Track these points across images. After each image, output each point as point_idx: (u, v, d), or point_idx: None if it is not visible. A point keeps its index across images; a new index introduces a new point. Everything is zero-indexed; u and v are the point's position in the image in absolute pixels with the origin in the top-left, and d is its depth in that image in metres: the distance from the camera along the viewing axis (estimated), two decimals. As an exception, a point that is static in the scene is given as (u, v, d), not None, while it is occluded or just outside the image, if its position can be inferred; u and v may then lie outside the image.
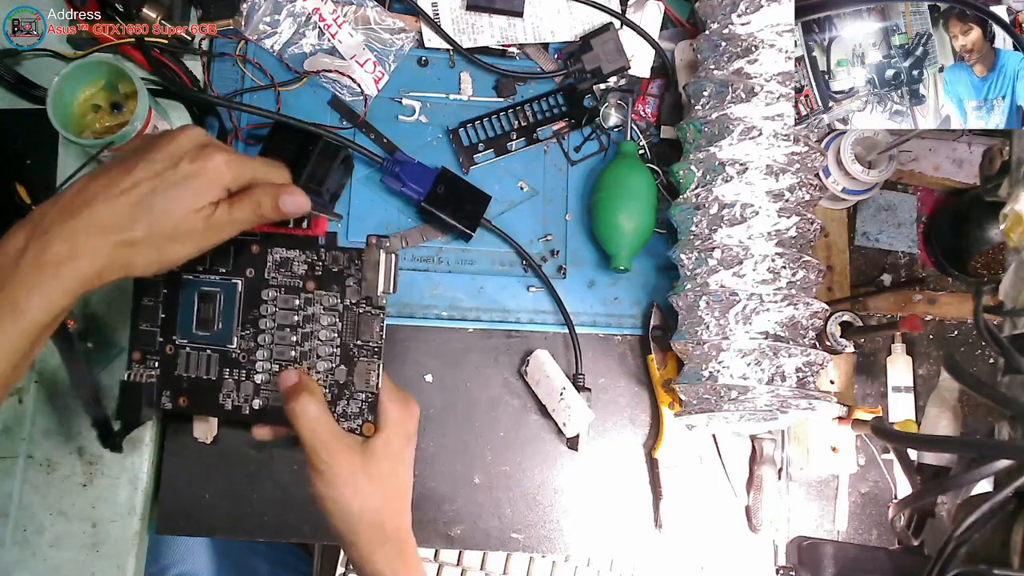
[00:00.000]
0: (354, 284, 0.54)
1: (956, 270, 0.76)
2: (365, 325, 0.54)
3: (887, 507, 0.71)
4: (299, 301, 0.55)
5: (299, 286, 0.55)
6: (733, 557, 0.72)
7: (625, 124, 0.75)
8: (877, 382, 0.75)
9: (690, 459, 0.72)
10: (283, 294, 0.55)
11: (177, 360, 0.58)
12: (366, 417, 0.54)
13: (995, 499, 0.40)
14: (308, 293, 0.55)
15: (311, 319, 0.55)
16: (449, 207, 0.70)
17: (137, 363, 0.59)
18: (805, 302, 0.63)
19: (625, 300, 0.74)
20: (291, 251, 0.55)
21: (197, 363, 0.58)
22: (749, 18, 0.64)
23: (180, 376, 0.58)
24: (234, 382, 0.57)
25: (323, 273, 0.55)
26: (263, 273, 0.56)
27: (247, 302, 0.56)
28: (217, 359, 0.57)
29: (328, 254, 0.55)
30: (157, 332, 0.58)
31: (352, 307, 0.55)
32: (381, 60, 0.74)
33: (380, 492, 0.52)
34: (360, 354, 0.54)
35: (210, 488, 0.68)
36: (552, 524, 0.71)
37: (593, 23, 0.74)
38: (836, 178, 0.73)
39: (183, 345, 0.58)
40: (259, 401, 0.57)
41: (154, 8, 0.68)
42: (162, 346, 0.58)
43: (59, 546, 0.65)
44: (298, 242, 0.55)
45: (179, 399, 0.58)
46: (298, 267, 0.55)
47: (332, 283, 0.55)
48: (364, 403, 0.54)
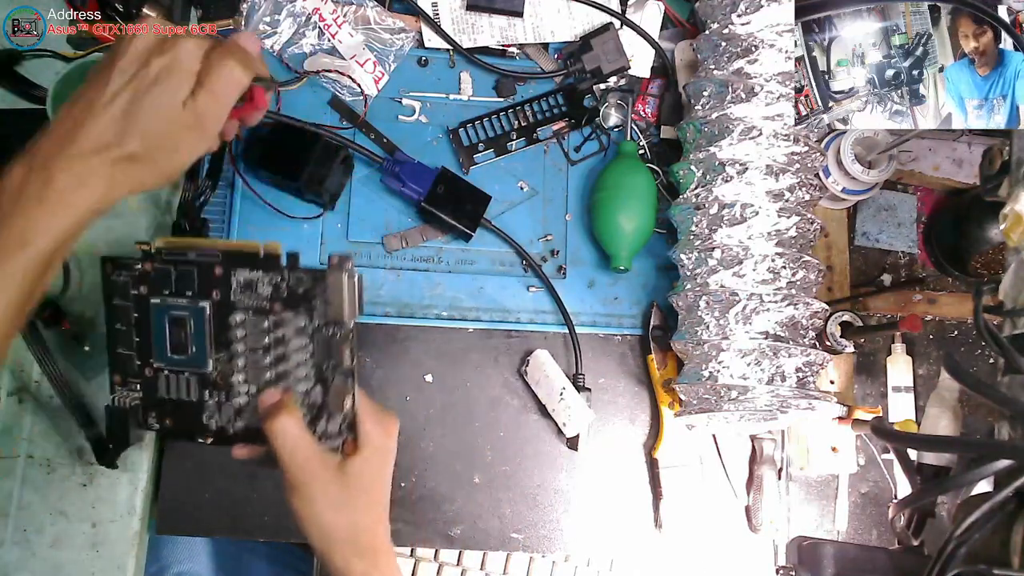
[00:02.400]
0: (320, 306, 0.52)
1: (956, 270, 0.76)
2: (335, 349, 0.53)
3: (887, 507, 0.71)
4: (267, 323, 0.53)
5: (266, 308, 0.53)
6: (733, 557, 0.72)
7: (625, 124, 0.75)
8: (877, 382, 0.75)
9: (690, 459, 0.72)
10: (251, 316, 0.53)
11: (157, 383, 0.56)
12: (346, 436, 0.53)
13: (995, 499, 0.40)
14: (276, 315, 0.53)
15: (282, 341, 0.53)
16: (449, 207, 0.70)
17: (119, 386, 0.58)
18: (805, 302, 0.63)
19: (625, 300, 0.74)
20: (254, 272, 0.53)
21: (177, 386, 0.56)
22: (749, 18, 0.64)
23: (163, 399, 0.56)
24: (215, 404, 0.55)
25: (288, 295, 0.53)
26: (229, 296, 0.54)
27: (218, 325, 0.54)
28: (196, 381, 0.55)
29: (292, 275, 0.52)
30: (134, 356, 0.57)
31: (321, 328, 0.53)
32: (381, 60, 0.74)
33: (355, 508, 0.52)
34: (333, 376, 0.53)
35: (210, 488, 0.68)
36: (552, 524, 0.71)
37: (593, 23, 0.74)
38: (836, 178, 0.73)
39: (161, 368, 0.56)
40: (242, 423, 0.55)
41: (154, 8, 0.68)
42: (141, 369, 0.57)
43: (59, 546, 0.65)
44: (260, 263, 0.53)
45: (164, 420, 0.57)
46: (263, 288, 0.53)
47: (299, 304, 0.53)
48: (343, 422, 0.53)
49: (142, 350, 0.56)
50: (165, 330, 0.55)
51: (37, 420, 0.66)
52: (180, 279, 0.54)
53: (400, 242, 0.72)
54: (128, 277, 0.55)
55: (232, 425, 0.55)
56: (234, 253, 0.53)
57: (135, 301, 0.55)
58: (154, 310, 0.55)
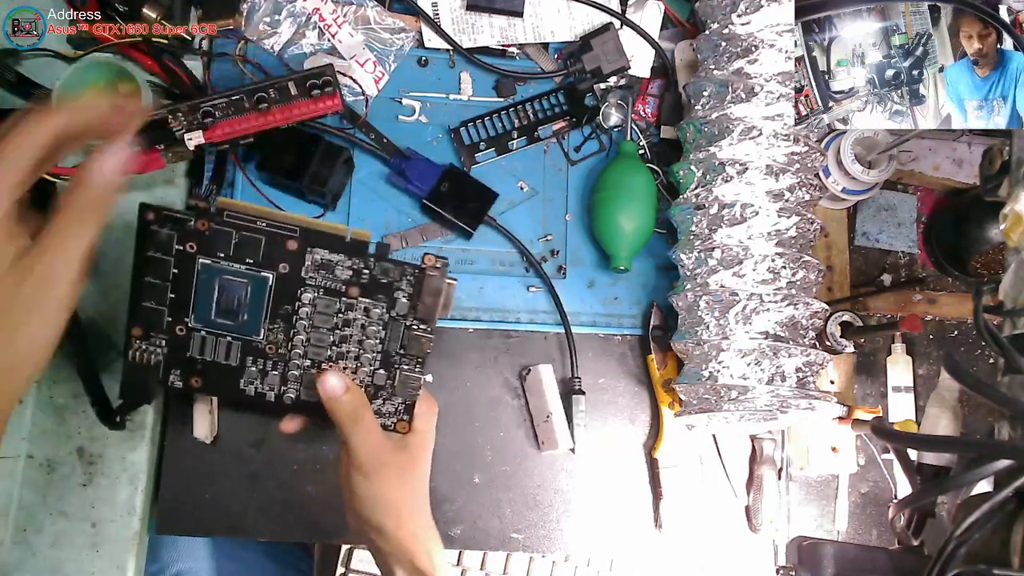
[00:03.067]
0: (404, 299, 0.53)
1: (956, 270, 0.76)
2: (413, 341, 0.54)
3: (887, 507, 0.70)
4: (339, 305, 0.53)
5: (341, 290, 0.53)
6: (733, 557, 0.72)
7: (625, 124, 0.75)
8: (877, 382, 0.75)
9: (690, 459, 0.72)
10: (321, 295, 0.53)
11: (190, 342, 0.55)
12: (401, 416, 0.56)
13: (995, 499, 0.40)
14: (350, 299, 0.53)
15: (351, 323, 0.54)
16: (451, 205, 0.70)
17: (139, 339, 0.54)
18: (805, 302, 0.63)
19: (625, 300, 0.74)
20: (335, 255, 0.52)
21: (215, 348, 0.55)
22: (749, 18, 0.64)
23: (193, 358, 0.55)
24: (258, 371, 0.55)
25: (369, 282, 0.53)
26: (299, 272, 0.53)
27: (277, 297, 0.53)
28: (239, 347, 0.55)
29: (378, 264, 0.53)
30: (164, 311, 0.54)
31: (399, 319, 0.54)
32: (381, 60, 0.74)
33: (413, 483, 0.56)
34: (403, 362, 0.55)
35: (210, 488, 0.68)
36: (552, 524, 0.71)
37: (593, 23, 0.74)
38: (836, 178, 0.73)
39: (197, 328, 0.54)
40: (291, 394, 0.56)
41: (154, 8, 0.68)
42: (171, 326, 0.54)
43: (59, 546, 0.65)
44: (344, 247, 0.53)
45: (191, 379, 0.56)
46: (341, 272, 0.53)
47: (379, 293, 0.53)
48: (402, 404, 0.56)
49: (175, 307, 0.54)
50: (213, 292, 0.53)
51: (37, 420, 0.66)
52: (242, 245, 0.52)
53: (400, 242, 0.72)
54: (174, 231, 0.51)
55: (276, 393, 0.56)
56: (315, 232, 0.52)
57: (178, 256, 0.52)
58: (203, 270, 0.53)
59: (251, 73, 0.72)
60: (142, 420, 0.67)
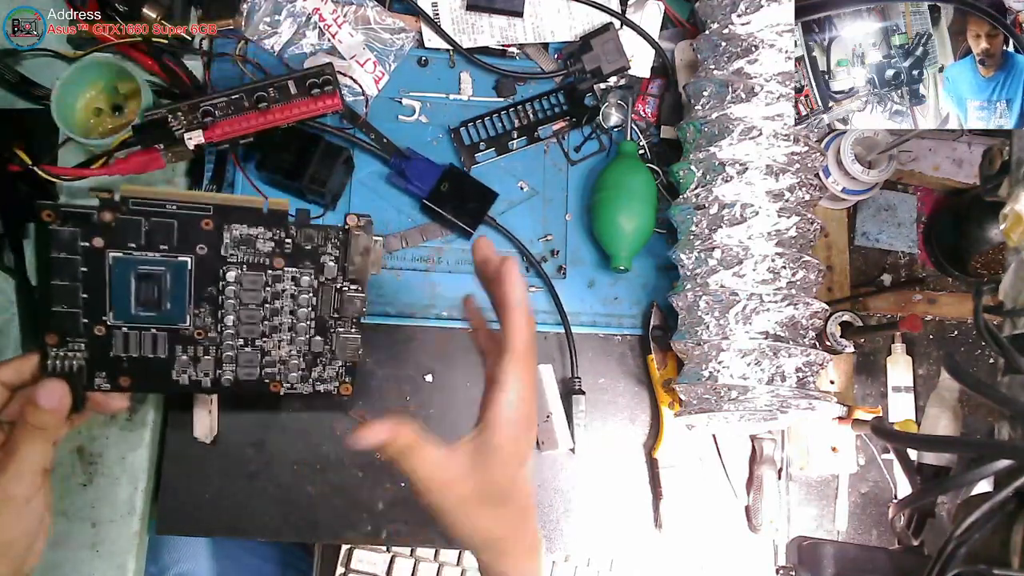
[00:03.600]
0: (332, 262, 0.52)
1: (956, 270, 0.76)
2: (347, 302, 0.52)
3: (887, 507, 0.71)
4: (266, 278, 0.52)
5: (266, 263, 0.51)
6: (733, 557, 0.72)
7: (625, 124, 0.75)
8: (877, 382, 0.75)
9: (690, 459, 0.72)
10: (246, 271, 0.52)
11: (111, 341, 0.53)
12: (343, 379, 0.55)
13: (995, 499, 0.40)
14: (276, 271, 0.52)
15: (280, 295, 0.52)
16: (451, 204, 0.70)
17: (55, 347, 0.51)
18: (805, 302, 0.63)
19: (625, 300, 0.74)
20: (254, 228, 0.51)
21: (140, 342, 0.53)
22: (749, 18, 0.64)
23: (118, 356, 0.53)
24: (189, 359, 0.53)
25: (294, 250, 0.51)
26: (219, 251, 0.51)
27: (200, 280, 0.52)
28: (166, 337, 0.53)
29: (300, 231, 0.51)
30: (79, 313, 0.51)
31: (329, 283, 0.52)
32: (381, 60, 0.74)
33: (500, 511, 0.46)
34: (338, 325, 0.53)
35: (210, 488, 0.68)
36: (552, 524, 0.71)
37: (593, 23, 0.74)
38: (836, 178, 0.73)
39: (117, 326, 0.52)
40: (229, 375, 0.54)
41: (154, 8, 0.68)
42: (88, 328, 0.52)
43: (59, 546, 0.65)
44: (263, 219, 0.51)
45: (119, 379, 0.54)
46: (263, 244, 0.51)
47: (305, 260, 0.52)
48: (342, 367, 0.55)
49: (91, 307, 0.52)
50: (130, 286, 0.51)
51: (37, 420, 0.66)
52: (153, 232, 0.50)
53: (400, 242, 0.72)
54: (77, 227, 0.49)
55: (212, 379, 0.54)
56: (230, 208, 0.51)
57: (84, 254, 0.50)
58: (115, 264, 0.51)
59: (251, 73, 0.72)
60: (142, 420, 0.67)
